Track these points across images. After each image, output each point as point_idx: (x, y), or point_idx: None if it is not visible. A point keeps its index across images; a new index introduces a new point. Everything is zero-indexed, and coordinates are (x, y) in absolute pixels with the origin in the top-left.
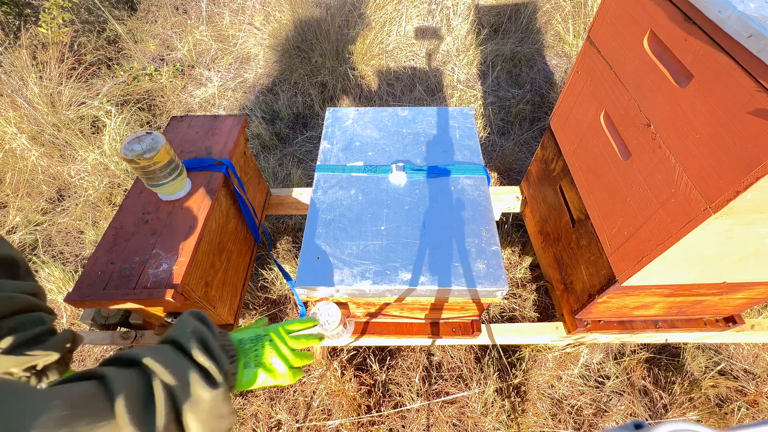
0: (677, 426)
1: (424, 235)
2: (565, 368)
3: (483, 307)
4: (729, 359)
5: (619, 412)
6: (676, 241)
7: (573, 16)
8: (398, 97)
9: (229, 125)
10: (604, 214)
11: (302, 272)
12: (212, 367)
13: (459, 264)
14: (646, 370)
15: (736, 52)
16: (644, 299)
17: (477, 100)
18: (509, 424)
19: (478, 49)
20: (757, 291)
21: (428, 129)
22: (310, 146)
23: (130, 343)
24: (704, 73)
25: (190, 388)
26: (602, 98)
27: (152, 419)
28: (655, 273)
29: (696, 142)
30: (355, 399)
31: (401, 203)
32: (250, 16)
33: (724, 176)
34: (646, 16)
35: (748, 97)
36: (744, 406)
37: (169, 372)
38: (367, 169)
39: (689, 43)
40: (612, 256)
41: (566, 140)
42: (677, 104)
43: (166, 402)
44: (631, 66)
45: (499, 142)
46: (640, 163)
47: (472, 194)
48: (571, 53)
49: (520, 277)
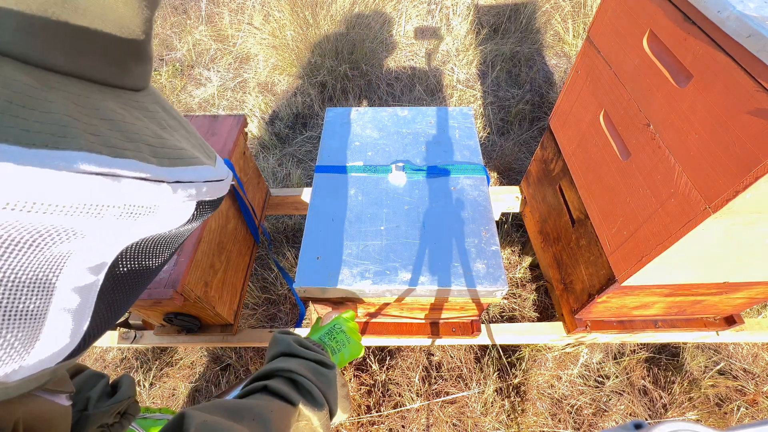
0: (677, 426)
1: (424, 235)
2: (564, 368)
3: (483, 307)
4: (728, 359)
5: (619, 411)
6: (675, 241)
7: (572, 15)
8: (398, 97)
9: (228, 125)
10: (603, 214)
11: (302, 272)
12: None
13: (459, 264)
14: (645, 369)
15: (736, 52)
16: (644, 299)
17: (476, 100)
18: (509, 423)
19: (478, 49)
20: (756, 290)
21: (428, 129)
22: (310, 146)
23: (130, 342)
24: (704, 73)
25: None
26: (602, 98)
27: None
28: (654, 273)
29: (695, 142)
30: (355, 399)
31: (401, 203)
32: (250, 15)
33: (724, 176)
34: (645, 16)
35: (748, 97)
36: (743, 405)
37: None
38: (367, 169)
39: (689, 43)
40: (611, 255)
41: (566, 140)
42: (677, 104)
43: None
44: (631, 66)
45: (499, 142)
46: (639, 163)
47: (472, 194)
48: (571, 53)
49: (519, 277)
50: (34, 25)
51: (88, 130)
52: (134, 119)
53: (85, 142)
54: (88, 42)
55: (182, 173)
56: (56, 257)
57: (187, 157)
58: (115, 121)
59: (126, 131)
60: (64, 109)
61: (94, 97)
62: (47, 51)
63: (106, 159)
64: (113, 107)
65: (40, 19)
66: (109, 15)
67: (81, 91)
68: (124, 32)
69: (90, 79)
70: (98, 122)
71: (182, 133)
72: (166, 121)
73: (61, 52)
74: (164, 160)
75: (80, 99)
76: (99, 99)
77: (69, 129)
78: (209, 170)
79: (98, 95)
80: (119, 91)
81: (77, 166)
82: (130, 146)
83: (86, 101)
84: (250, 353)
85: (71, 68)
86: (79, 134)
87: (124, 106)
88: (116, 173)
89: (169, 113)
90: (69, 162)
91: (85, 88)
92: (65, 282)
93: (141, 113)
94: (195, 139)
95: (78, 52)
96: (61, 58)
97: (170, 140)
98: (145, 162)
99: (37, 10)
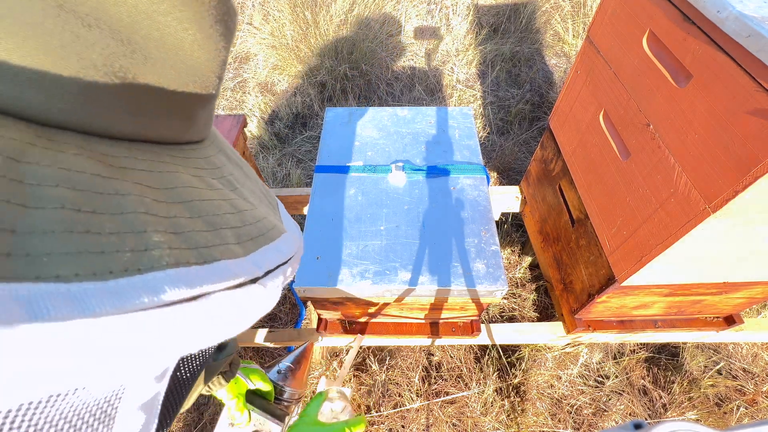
0: (676, 426)
1: (424, 235)
2: (564, 368)
3: (483, 307)
4: (728, 358)
5: (619, 411)
6: (675, 241)
7: (572, 15)
8: (397, 97)
9: (228, 125)
10: (603, 214)
11: (301, 272)
12: None
13: (458, 264)
14: (645, 369)
15: (735, 51)
16: (643, 299)
17: (476, 99)
18: (509, 423)
19: (478, 49)
20: (756, 290)
21: (428, 129)
22: (309, 146)
23: None
24: (703, 73)
25: None
26: (601, 98)
27: None
28: (654, 273)
29: (695, 142)
30: (355, 399)
31: (401, 203)
32: (250, 15)
33: (723, 176)
34: (645, 16)
35: (747, 97)
36: (743, 405)
37: None
38: (367, 168)
39: (688, 42)
40: (611, 255)
41: (565, 140)
42: (676, 104)
43: None
44: (631, 66)
45: (499, 141)
46: (639, 162)
47: (472, 194)
48: (571, 53)
49: (519, 277)
50: (99, 86)
51: (169, 227)
52: (210, 190)
53: (170, 253)
54: (159, 98)
55: (268, 257)
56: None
57: (266, 230)
58: (192, 202)
59: (207, 215)
60: (138, 202)
61: (165, 171)
62: (113, 117)
63: (195, 273)
64: (186, 179)
65: (106, 77)
66: (183, 62)
67: (150, 165)
68: (198, 80)
69: (155, 140)
70: (177, 210)
71: (248, 185)
72: (232, 174)
73: (128, 115)
74: (248, 244)
75: (152, 178)
76: (170, 171)
77: (148, 236)
78: (288, 242)
79: (168, 164)
80: (186, 149)
81: (165, 295)
82: (215, 239)
83: (158, 179)
84: (249, 353)
85: (136, 132)
86: (161, 241)
87: (197, 173)
88: (206, 291)
89: (230, 158)
90: (155, 292)
91: (153, 158)
92: (128, 402)
93: (212, 175)
94: (255, 185)
95: (146, 112)
96: (127, 123)
97: (247, 211)
98: (234, 258)
99: (102, 66)
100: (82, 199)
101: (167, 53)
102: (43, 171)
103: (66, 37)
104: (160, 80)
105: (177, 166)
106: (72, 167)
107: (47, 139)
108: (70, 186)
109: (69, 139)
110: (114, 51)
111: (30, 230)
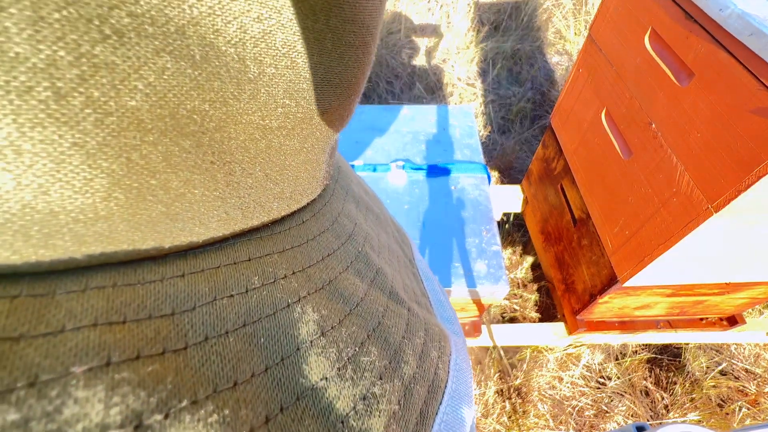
0: (678, 428)
1: (424, 235)
2: (566, 369)
3: (484, 308)
4: (730, 359)
5: (621, 413)
6: (677, 241)
7: (574, 13)
8: (397, 95)
9: None
10: (605, 214)
11: None
12: None
13: (459, 264)
14: (647, 370)
15: (738, 50)
16: (645, 299)
17: (477, 98)
18: (510, 425)
19: (479, 47)
20: (758, 290)
21: (428, 127)
22: None
23: None
24: (705, 72)
25: None
26: (603, 96)
27: None
28: (656, 273)
29: (697, 141)
30: None
31: (401, 202)
32: None
33: (726, 175)
34: (647, 14)
35: (750, 96)
36: (745, 406)
37: None
38: (366, 167)
39: (690, 41)
40: (613, 255)
41: (567, 139)
42: (678, 103)
43: None
44: (633, 64)
45: (500, 140)
46: (641, 162)
47: (473, 193)
48: (572, 51)
49: (521, 278)
50: None
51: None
52: (350, 323)
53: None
54: (267, 149)
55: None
56: None
57: (430, 369)
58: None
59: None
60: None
61: (278, 317)
62: (185, 218)
63: None
64: (312, 316)
65: (176, 145)
66: (306, 78)
67: (250, 310)
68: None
69: (258, 227)
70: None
71: (383, 239)
72: (367, 236)
73: (213, 207)
74: (423, 428)
75: (250, 343)
76: (282, 305)
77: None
78: (463, 373)
79: (280, 282)
80: (307, 220)
81: None
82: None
83: (261, 346)
84: None
85: (226, 230)
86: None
87: (325, 274)
88: None
89: (355, 197)
90: None
91: (252, 282)
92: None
93: (347, 262)
94: (386, 229)
95: (245, 187)
96: (212, 221)
97: (404, 342)
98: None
99: (170, 119)
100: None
101: (278, 65)
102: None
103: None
104: (266, 121)
105: (292, 281)
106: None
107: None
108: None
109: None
110: (176, 82)
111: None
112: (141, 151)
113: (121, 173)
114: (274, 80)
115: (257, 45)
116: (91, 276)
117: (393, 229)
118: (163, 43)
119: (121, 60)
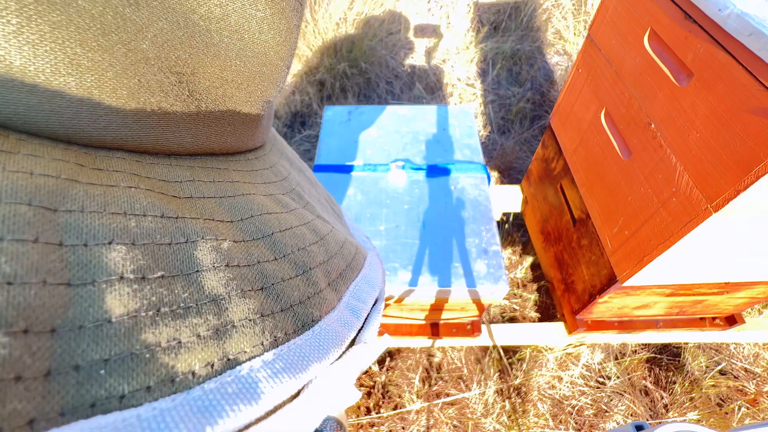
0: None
1: (424, 235)
2: (566, 369)
3: (483, 308)
4: (729, 359)
5: (620, 412)
6: (677, 241)
7: (573, 14)
8: (397, 96)
9: None
10: (604, 214)
11: None
12: None
13: (459, 264)
14: (646, 370)
15: (737, 50)
16: (645, 299)
17: (477, 98)
18: (510, 425)
19: (478, 47)
20: (758, 290)
21: (428, 127)
22: (309, 145)
23: None
24: (705, 72)
25: None
26: (603, 96)
27: None
28: (655, 273)
29: (697, 141)
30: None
31: (400, 203)
32: None
33: (725, 175)
34: (646, 14)
35: (749, 96)
36: (744, 405)
37: None
38: (366, 167)
39: (689, 41)
40: (613, 255)
41: (567, 139)
42: (678, 103)
43: None
44: (632, 64)
45: (500, 140)
46: (641, 162)
47: (473, 193)
48: (572, 51)
49: (520, 277)
50: (152, 88)
51: (255, 282)
52: (287, 214)
53: (262, 326)
54: (223, 97)
55: (362, 296)
56: None
57: (351, 257)
58: (273, 235)
59: (292, 251)
60: (215, 251)
61: (236, 194)
62: (169, 127)
63: (296, 353)
64: (261, 203)
65: (161, 73)
66: (250, 47)
67: (218, 189)
68: (266, 71)
69: (218, 152)
70: (258, 251)
71: (314, 194)
72: (300, 185)
73: (188, 123)
74: (338, 283)
75: (223, 208)
76: (243, 194)
77: (234, 305)
78: (374, 267)
79: (238, 184)
80: (251, 159)
81: (262, 401)
82: (307, 287)
83: (231, 208)
84: None
85: (197, 144)
86: (250, 310)
87: (267, 189)
88: (311, 377)
89: (292, 162)
90: (250, 396)
91: (220, 177)
92: None
93: (282, 190)
94: (319, 191)
95: (209, 116)
96: (187, 134)
97: (328, 235)
98: (331, 310)
99: (156, 59)
100: (147, 259)
101: (231, 37)
102: (89, 222)
103: (108, 21)
104: (224, 74)
105: (246, 185)
106: (128, 209)
107: (92, 168)
108: (128, 240)
109: (118, 164)
110: (169, 38)
111: (78, 325)
112: (147, 76)
113: (134, 89)
114: (230, 47)
115: (219, 22)
116: (116, 159)
117: (323, 192)
118: (162, 11)
119: (138, 18)
